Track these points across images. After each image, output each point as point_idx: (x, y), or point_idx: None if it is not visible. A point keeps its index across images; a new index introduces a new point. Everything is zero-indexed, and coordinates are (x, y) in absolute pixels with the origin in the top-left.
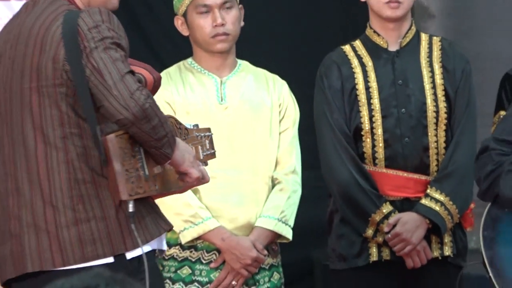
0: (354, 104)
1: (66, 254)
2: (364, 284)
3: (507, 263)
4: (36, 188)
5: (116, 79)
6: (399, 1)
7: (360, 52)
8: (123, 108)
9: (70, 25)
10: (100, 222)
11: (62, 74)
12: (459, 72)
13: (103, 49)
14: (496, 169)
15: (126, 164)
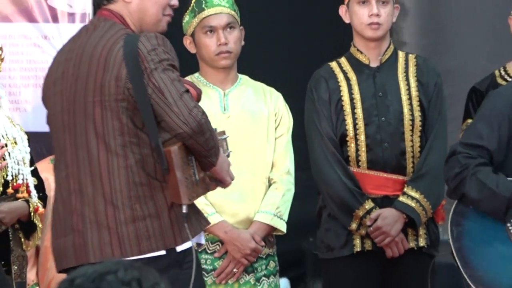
0: (340, 113)
1: (124, 247)
2: (349, 271)
3: (471, 253)
4: (98, 189)
5: (176, 97)
6: (379, 23)
7: (345, 68)
8: (183, 124)
9: (131, 47)
10: (154, 220)
11: (124, 91)
12: (432, 85)
13: (162, 70)
14: (462, 172)
15: (185, 172)
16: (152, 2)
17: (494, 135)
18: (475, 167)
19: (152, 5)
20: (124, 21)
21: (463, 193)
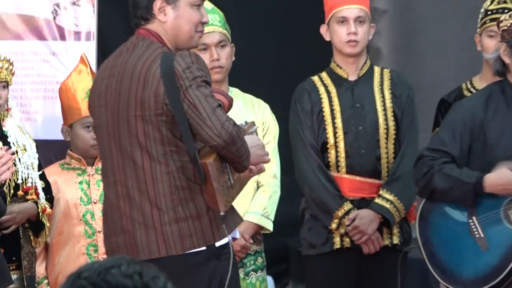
0: (321, 123)
1: (169, 245)
2: (329, 266)
3: (436, 247)
4: (144, 194)
5: (209, 112)
6: (357, 40)
7: (326, 82)
8: (216, 136)
9: (167, 66)
10: (195, 220)
11: (162, 106)
12: (405, 97)
13: (196, 87)
14: (429, 171)
15: (221, 181)
16: (185, 21)
17: (457, 143)
18: (440, 165)
19: (185, 23)
20: (161, 39)
21: (432, 188)
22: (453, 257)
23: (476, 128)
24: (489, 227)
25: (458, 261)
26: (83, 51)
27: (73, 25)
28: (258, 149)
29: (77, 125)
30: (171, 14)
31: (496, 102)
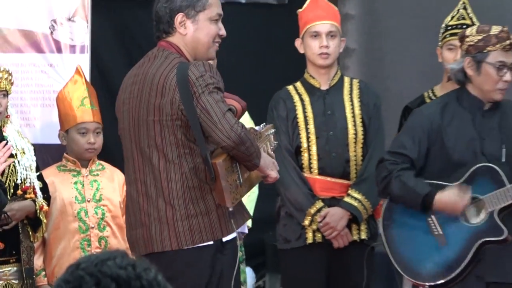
0: (296, 128)
1: (180, 239)
2: (303, 259)
3: (398, 243)
4: (160, 192)
5: (220, 116)
6: (328, 53)
7: (300, 91)
8: (226, 138)
9: (183, 75)
10: (205, 217)
11: (178, 112)
12: (372, 105)
13: (208, 93)
14: (388, 176)
15: (229, 180)
16: (204, 33)
17: (415, 146)
18: (398, 171)
19: (204, 36)
20: (180, 50)
21: (389, 192)
22: (414, 253)
23: (434, 133)
24: (447, 225)
25: (419, 257)
26: (78, 63)
27: (68, 39)
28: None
29: (72, 130)
30: (191, 28)
31: (452, 109)
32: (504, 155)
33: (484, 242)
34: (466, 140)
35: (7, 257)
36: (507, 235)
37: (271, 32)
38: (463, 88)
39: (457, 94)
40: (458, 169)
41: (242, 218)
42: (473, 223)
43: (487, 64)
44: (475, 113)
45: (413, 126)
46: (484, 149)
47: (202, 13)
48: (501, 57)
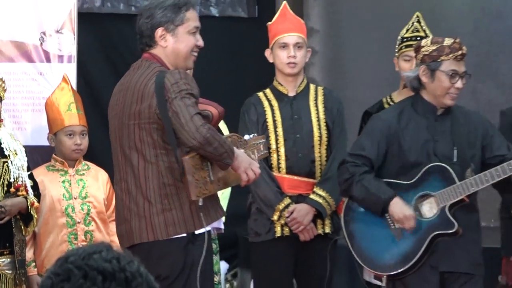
0: (265, 131)
1: (155, 232)
2: (272, 251)
3: (359, 237)
4: (139, 189)
5: (188, 119)
6: (295, 62)
7: (269, 97)
8: (192, 139)
9: (160, 82)
10: (179, 212)
11: (154, 116)
12: (335, 110)
13: (180, 98)
14: (349, 178)
15: (196, 176)
16: (183, 45)
17: (374, 148)
18: (360, 175)
19: (183, 47)
20: (162, 61)
21: (350, 194)
22: (373, 246)
23: (391, 136)
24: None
25: (378, 249)
26: (65, 72)
27: (57, 49)
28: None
29: (60, 133)
30: (171, 40)
31: (408, 114)
32: (456, 155)
33: (437, 235)
34: (420, 142)
35: (1, 249)
36: (457, 228)
37: (243, 43)
38: (418, 95)
39: (412, 100)
40: (413, 169)
41: (215, 213)
42: (426, 218)
43: (440, 72)
44: (429, 117)
45: (372, 130)
46: (436, 151)
47: (181, 26)
48: (453, 66)
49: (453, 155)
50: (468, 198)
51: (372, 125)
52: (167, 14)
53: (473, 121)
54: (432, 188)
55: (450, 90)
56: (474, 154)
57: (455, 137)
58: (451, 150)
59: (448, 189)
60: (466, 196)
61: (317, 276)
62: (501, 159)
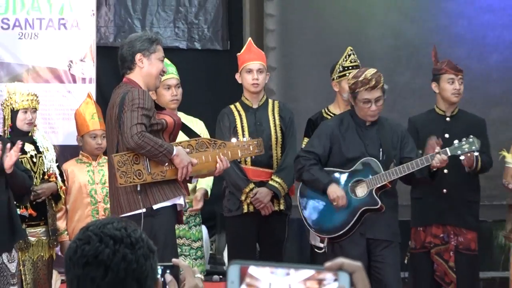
0: (236, 135)
1: (122, 209)
2: (241, 223)
3: (309, 209)
4: (112, 177)
5: (128, 127)
6: (258, 83)
7: (238, 108)
8: (126, 143)
9: (123, 97)
10: (137, 193)
11: (117, 122)
12: (288, 118)
13: (131, 111)
14: (301, 168)
15: (122, 169)
16: (155, 68)
17: (321, 147)
18: (309, 166)
19: (155, 70)
20: (136, 84)
21: (302, 179)
22: (319, 216)
23: (334, 138)
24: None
25: (322, 218)
26: (88, 90)
27: (81, 73)
28: (182, 163)
29: (86, 136)
30: (146, 64)
31: (347, 123)
32: (381, 155)
33: (365, 210)
34: (355, 144)
35: (38, 221)
36: (380, 205)
37: (218, 68)
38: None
39: (350, 112)
40: (350, 162)
41: (171, 193)
42: (359, 197)
43: (358, 100)
44: (361, 127)
45: (320, 133)
46: (367, 151)
47: (154, 54)
48: (366, 95)
49: (379, 155)
50: (390, 184)
51: (320, 129)
52: (144, 44)
53: (394, 129)
54: (364, 175)
55: (368, 112)
56: (395, 154)
57: (381, 141)
58: (378, 151)
59: (375, 176)
60: (388, 182)
61: (274, 242)
62: (409, 160)
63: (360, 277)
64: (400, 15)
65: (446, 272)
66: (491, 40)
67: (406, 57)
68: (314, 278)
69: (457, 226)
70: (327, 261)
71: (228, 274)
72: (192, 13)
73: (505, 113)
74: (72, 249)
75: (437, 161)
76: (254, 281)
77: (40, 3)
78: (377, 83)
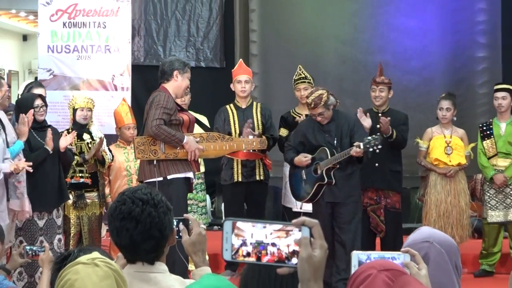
0: (228, 126)
1: (145, 176)
2: (233, 190)
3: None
4: None
5: (150, 120)
6: (245, 90)
7: (232, 108)
8: (148, 132)
9: (153, 99)
10: (153, 167)
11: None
12: (267, 115)
13: (155, 109)
14: (285, 153)
15: (140, 147)
16: (184, 83)
17: (296, 140)
18: (287, 151)
19: (184, 84)
20: (167, 90)
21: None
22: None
23: (304, 134)
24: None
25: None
26: (124, 96)
27: (120, 84)
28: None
29: (122, 128)
30: (180, 79)
31: (312, 123)
32: (336, 143)
33: (320, 184)
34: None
35: (92, 188)
36: (327, 181)
37: (217, 80)
38: None
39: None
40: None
41: (183, 169)
42: (315, 175)
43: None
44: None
45: (296, 130)
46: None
47: (185, 73)
48: (312, 112)
49: (334, 143)
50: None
51: (297, 128)
52: (181, 65)
53: (347, 120)
54: (320, 159)
55: (318, 119)
56: (346, 141)
57: (336, 133)
58: (334, 140)
59: (327, 160)
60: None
61: (257, 203)
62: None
63: (317, 230)
64: (351, 28)
65: (378, 223)
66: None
67: (352, 68)
68: (283, 230)
69: (386, 190)
70: (295, 218)
71: (223, 227)
72: (199, 41)
73: (423, 112)
74: (112, 208)
75: (353, 151)
76: (241, 232)
77: (92, 34)
78: (315, 105)
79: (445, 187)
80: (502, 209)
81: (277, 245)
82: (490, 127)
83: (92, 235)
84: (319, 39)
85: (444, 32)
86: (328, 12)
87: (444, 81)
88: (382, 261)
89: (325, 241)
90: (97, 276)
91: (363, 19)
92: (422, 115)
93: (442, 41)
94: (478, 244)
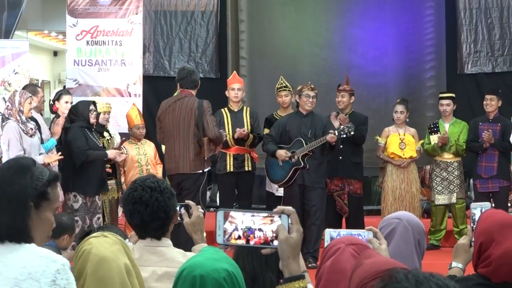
0: (222, 126)
1: (190, 168)
2: (226, 178)
3: (269, 167)
4: (186, 148)
5: (212, 126)
6: (238, 97)
7: (226, 111)
8: (211, 135)
9: (200, 104)
10: (197, 160)
11: (196, 120)
12: (255, 117)
13: (209, 115)
14: (264, 144)
15: (206, 147)
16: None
17: (276, 132)
18: (267, 142)
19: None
20: (193, 95)
21: (264, 149)
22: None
23: (284, 127)
24: (284, 162)
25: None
26: (135, 102)
27: (134, 91)
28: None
29: (133, 127)
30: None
31: (293, 118)
32: (310, 135)
33: (295, 169)
34: (294, 129)
35: (112, 176)
36: (303, 165)
37: (215, 90)
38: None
39: (295, 112)
40: (292, 140)
41: (208, 164)
42: (292, 161)
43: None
44: (300, 118)
45: (276, 125)
46: (302, 132)
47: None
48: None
49: (308, 135)
50: (310, 152)
51: (276, 123)
52: (196, 78)
53: (321, 120)
54: (296, 148)
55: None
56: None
57: (311, 126)
58: (309, 132)
59: (301, 148)
60: (308, 152)
61: (246, 190)
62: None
63: (294, 217)
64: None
65: (343, 206)
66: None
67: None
68: (268, 217)
69: (349, 178)
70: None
71: (216, 216)
72: (198, 56)
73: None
74: (126, 194)
75: (329, 137)
76: (233, 219)
77: (110, 50)
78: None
79: (400, 176)
80: (446, 193)
81: (263, 230)
82: (437, 125)
83: (112, 216)
84: (296, 54)
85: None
86: (302, 33)
87: (399, 89)
88: (349, 237)
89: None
90: (107, 243)
91: (333, 36)
92: (381, 117)
93: (397, 60)
94: (427, 223)
